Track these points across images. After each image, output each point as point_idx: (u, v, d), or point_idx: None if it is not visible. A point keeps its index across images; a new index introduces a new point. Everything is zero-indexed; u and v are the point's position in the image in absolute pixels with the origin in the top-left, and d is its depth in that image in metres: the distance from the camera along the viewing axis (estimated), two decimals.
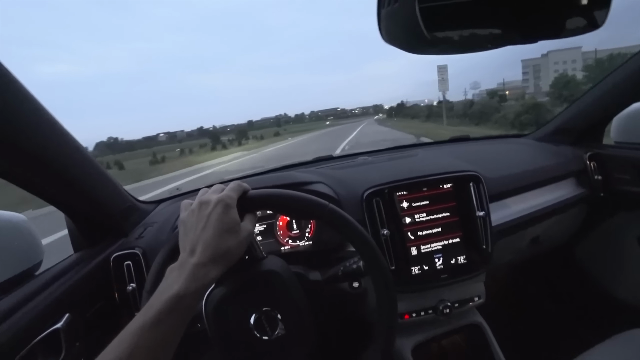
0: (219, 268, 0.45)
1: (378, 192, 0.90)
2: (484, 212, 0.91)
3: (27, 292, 0.62)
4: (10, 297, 0.61)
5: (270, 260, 0.57)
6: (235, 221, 0.48)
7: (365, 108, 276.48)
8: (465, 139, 1.52)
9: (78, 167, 0.70)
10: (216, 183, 0.56)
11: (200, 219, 0.47)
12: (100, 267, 0.78)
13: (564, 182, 1.19)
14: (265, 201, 0.53)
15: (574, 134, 1.27)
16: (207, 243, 0.45)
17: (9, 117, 0.54)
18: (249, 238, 0.50)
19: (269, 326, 0.53)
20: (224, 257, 0.45)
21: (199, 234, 0.46)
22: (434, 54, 0.49)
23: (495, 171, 1.06)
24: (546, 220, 1.11)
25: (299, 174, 1.03)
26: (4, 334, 0.54)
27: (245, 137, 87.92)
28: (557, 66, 51.57)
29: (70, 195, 0.72)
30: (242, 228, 0.49)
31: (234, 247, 0.46)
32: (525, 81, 52.72)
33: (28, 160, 0.60)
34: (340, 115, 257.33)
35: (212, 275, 0.44)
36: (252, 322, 0.53)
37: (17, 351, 0.55)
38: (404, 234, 0.90)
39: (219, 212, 0.47)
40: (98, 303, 0.76)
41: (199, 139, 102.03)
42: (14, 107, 0.54)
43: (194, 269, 0.43)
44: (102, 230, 0.84)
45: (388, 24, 0.45)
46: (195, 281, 0.42)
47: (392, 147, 1.47)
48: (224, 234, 0.46)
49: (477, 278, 0.98)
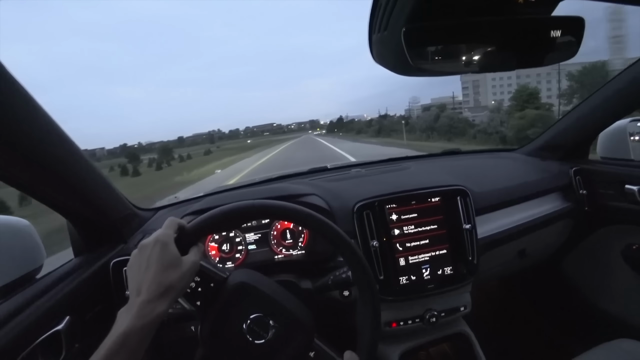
0: (165, 303, 0.48)
1: (368, 205, 0.93)
2: (470, 225, 0.94)
3: (29, 295, 0.64)
4: (13, 300, 0.63)
5: (234, 275, 0.60)
6: (174, 256, 0.51)
7: (301, 123, 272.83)
8: (456, 152, 1.56)
9: (81, 174, 0.72)
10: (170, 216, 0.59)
11: (142, 261, 0.50)
12: (100, 272, 0.80)
13: (550, 197, 1.22)
14: (202, 229, 0.56)
15: (561, 149, 1.32)
16: (149, 281, 0.48)
17: (14, 123, 0.55)
18: (193, 269, 0.53)
19: (261, 330, 0.56)
20: (169, 291, 0.48)
21: (143, 275, 0.49)
22: (421, 76, 0.52)
23: (483, 185, 1.10)
24: (532, 233, 1.15)
25: (293, 186, 1.06)
26: (7, 335, 0.56)
27: (170, 157, 67.71)
28: (494, 82, 54.03)
29: (72, 200, 0.74)
30: (184, 261, 0.51)
31: (176, 281, 0.49)
32: (465, 95, 55.53)
33: (32, 166, 0.62)
34: (276, 130, 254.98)
35: (158, 310, 0.47)
36: (245, 329, 0.56)
37: (19, 352, 0.57)
38: (392, 246, 0.93)
39: (157, 251, 0.50)
40: (97, 307, 0.77)
41: (120, 157, 79.09)
42: (19, 113, 0.56)
43: (139, 307, 0.46)
44: (102, 236, 0.86)
45: (378, 48, 0.49)
46: (142, 318, 0.45)
47: (385, 159, 1.50)
48: (165, 270, 0.49)
49: (464, 289, 1.01)
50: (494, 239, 1.05)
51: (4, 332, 0.56)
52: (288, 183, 1.16)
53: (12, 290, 0.66)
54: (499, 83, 54.53)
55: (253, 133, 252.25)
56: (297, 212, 0.59)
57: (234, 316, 0.57)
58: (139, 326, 0.44)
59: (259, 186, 1.22)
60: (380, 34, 0.45)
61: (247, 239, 0.95)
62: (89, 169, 0.74)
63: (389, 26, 0.43)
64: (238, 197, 0.99)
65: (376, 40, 0.48)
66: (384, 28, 0.44)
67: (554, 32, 0.48)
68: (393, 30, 0.43)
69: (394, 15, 0.42)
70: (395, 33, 0.43)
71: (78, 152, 0.70)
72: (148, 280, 0.48)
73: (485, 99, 50.38)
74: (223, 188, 1.29)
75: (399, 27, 0.42)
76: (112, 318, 0.53)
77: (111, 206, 0.85)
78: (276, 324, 0.57)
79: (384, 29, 0.44)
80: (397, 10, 0.41)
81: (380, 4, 0.43)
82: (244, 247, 0.95)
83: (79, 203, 0.76)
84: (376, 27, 0.46)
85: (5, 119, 0.53)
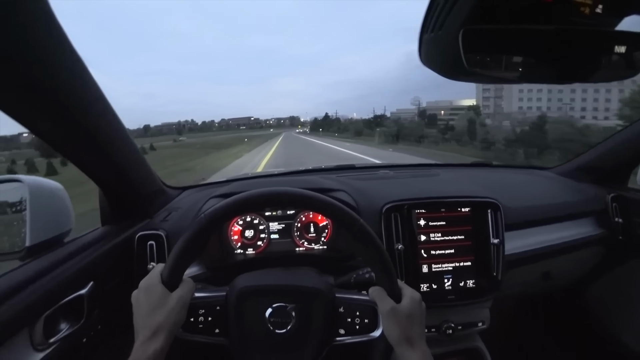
0: (158, 341, 0.52)
1: (397, 207, 0.92)
2: (498, 240, 0.91)
3: (58, 257, 0.67)
4: (43, 259, 0.66)
5: (232, 288, 0.63)
6: (159, 297, 0.55)
7: (280, 119, 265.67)
8: (487, 164, 1.52)
9: (120, 146, 0.75)
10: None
11: (135, 308, 0.56)
12: (124, 244, 0.82)
13: (582, 221, 1.17)
14: (174, 268, 0.57)
15: (599, 172, 1.26)
16: (140, 325, 0.54)
17: (70, 91, 0.58)
18: (180, 303, 0.56)
19: (283, 319, 0.59)
20: (159, 330, 0.53)
21: (136, 320, 0.55)
22: (467, 81, 0.51)
23: (514, 201, 1.06)
24: (560, 256, 1.11)
25: (323, 180, 1.06)
26: (35, 292, 0.58)
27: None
28: (521, 86, 49.46)
29: (108, 170, 0.77)
30: (170, 299, 0.55)
31: (163, 319, 0.53)
32: (485, 99, 49.59)
33: (79, 134, 0.65)
34: (253, 125, 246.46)
35: (153, 348, 0.51)
36: (269, 326, 0.59)
37: (44, 310, 0.60)
38: (417, 251, 0.92)
39: (142, 297, 0.56)
40: (117, 277, 0.80)
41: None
42: (76, 82, 0.59)
43: (135, 350, 0.51)
44: (129, 208, 0.89)
45: (428, 49, 0.48)
46: (138, 358, 0.50)
47: (413, 164, 1.48)
48: (151, 312, 0.54)
49: (484, 304, 0.98)
50: (520, 257, 1.02)
51: (32, 289, 0.58)
52: (316, 177, 1.16)
53: (42, 250, 0.69)
54: (527, 87, 50.68)
55: (228, 126, 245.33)
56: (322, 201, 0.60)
57: (252, 320, 0.60)
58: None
59: (287, 177, 1.23)
60: (434, 34, 0.44)
61: (270, 227, 0.96)
62: (128, 143, 0.77)
63: (444, 26, 0.42)
64: (265, 185, 1.01)
65: (427, 40, 0.47)
66: (438, 28, 0.43)
67: (619, 47, 0.46)
68: (448, 31, 0.42)
69: (451, 16, 0.41)
70: (450, 33, 0.41)
71: (120, 125, 0.73)
72: (139, 324, 0.54)
73: (509, 105, 45.85)
74: (250, 175, 1.30)
75: (455, 28, 0.41)
76: (130, 290, 0.56)
77: (142, 181, 0.87)
78: (293, 305, 0.60)
79: (439, 29, 0.43)
80: (456, 11, 0.40)
81: (437, 4, 0.42)
82: (266, 236, 0.96)
83: (114, 174, 0.78)
84: (430, 26, 0.44)
85: (62, 87, 0.56)
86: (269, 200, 0.60)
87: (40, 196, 0.71)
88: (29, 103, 0.55)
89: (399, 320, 0.57)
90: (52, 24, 0.49)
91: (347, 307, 0.62)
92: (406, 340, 0.56)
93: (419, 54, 0.49)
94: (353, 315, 0.61)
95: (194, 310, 0.59)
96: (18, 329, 0.56)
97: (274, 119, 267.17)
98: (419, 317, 0.59)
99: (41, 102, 0.55)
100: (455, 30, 0.40)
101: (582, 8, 0.41)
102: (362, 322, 0.61)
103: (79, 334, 0.67)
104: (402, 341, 0.56)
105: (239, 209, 0.61)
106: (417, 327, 0.58)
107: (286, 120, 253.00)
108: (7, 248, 0.71)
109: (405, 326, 0.57)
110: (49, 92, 0.54)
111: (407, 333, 0.57)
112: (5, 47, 0.44)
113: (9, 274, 0.60)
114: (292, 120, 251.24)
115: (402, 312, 0.58)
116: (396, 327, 0.57)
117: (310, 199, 0.59)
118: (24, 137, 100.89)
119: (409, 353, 0.56)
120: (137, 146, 0.81)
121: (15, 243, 0.71)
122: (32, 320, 0.58)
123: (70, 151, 0.68)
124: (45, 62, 0.51)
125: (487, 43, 0.41)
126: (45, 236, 0.71)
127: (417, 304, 0.60)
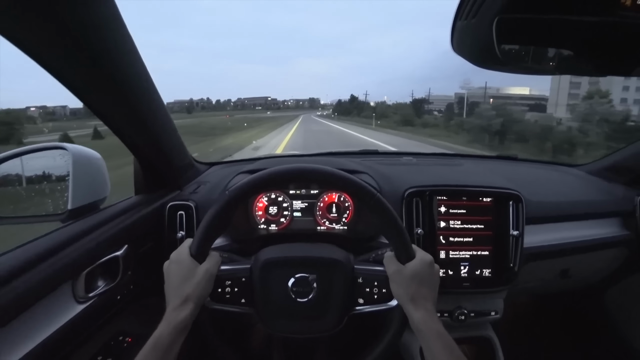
0: (187, 309, 0.57)
1: (419, 193, 0.93)
2: (518, 232, 0.91)
3: (96, 220, 0.73)
4: (83, 221, 0.72)
5: (256, 260, 0.67)
6: (187, 269, 0.60)
7: (299, 101, 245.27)
8: (512, 158, 1.49)
9: (158, 119, 0.79)
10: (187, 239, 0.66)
11: (166, 277, 0.61)
12: (156, 212, 0.88)
13: (607, 221, 1.15)
14: (202, 242, 0.61)
15: (630, 173, 1.22)
16: (171, 294, 0.59)
17: (120, 66, 0.62)
18: (207, 275, 0.60)
19: (304, 288, 0.64)
20: (188, 300, 0.57)
21: (167, 289, 0.60)
22: (500, 70, 0.51)
23: (537, 195, 1.05)
24: (580, 254, 1.09)
25: (348, 162, 1.08)
26: (77, 250, 0.64)
27: None
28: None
29: (146, 142, 0.82)
30: (198, 271, 0.60)
31: (192, 289, 0.58)
32: (575, 86, 42.71)
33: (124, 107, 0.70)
34: (270, 105, 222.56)
35: (182, 316, 0.56)
36: (291, 294, 0.64)
37: (85, 267, 0.66)
38: (436, 237, 0.93)
39: (173, 268, 0.61)
40: (149, 242, 0.86)
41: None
42: (126, 58, 0.63)
43: (166, 315, 0.56)
44: (161, 179, 0.94)
45: (460, 36, 0.48)
46: (169, 324, 0.55)
47: (437, 152, 1.48)
48: (181, 283, 0.59)
49: (498, 294, 0.99)
50: (539, 251, 1.01)
51: (75, 247, 0.64)
52: (341, 159, 1.18)
53: (81, 214, 0.74)
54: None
55: (243, 105, 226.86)
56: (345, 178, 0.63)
57: (276, 290, 0.64)
58: (167, 331, 0.54)
59: (313, 157, 1.26)
60: (467, 21, 0.44)
61: (294, 205, 0.99)
62: (166, 117, 0.81)
63: (479, 13, 0.42)
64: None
65: (460, 28, 0.47)
66: (472, 15, 0.43)
67: None
68: (482, 19, 0.42)
69: (487, 3, 0.41)
70: (484, 21, 0.42)
71: (159, 99, 0.77)
72: (170, 293, 0.59)
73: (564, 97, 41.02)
74: (276, 155, 1.34)
75: (490, 15, 0.41)
76: (159, 255, 0.61)
77: (175, 153, 0.92)
78: (314, 276, 0.64)
79: (473, 17, 0.43)
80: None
81: None
82: (289, 213, 0.99)
83: (150, 145, 0.83)
84: (464, 13, 0.44)
85: (115, 61, 0.60)
86: (295, 176, 0.64)
87: (82, 164, 0.77)
88: (86, 79, 0.60)
89: (402, 281, 0.60)
90: (109, 3, 0.52)
91: (365, 277, 0.65)
92: (410, 300, 0.59)
93: (451, 41, 0.50)
94: (371, 285, 0.65)
95: (220, 281, 0.63)
96: (63, 281, 0.61)
97: (292, 100, 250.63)
98: (426, 278, 0.61)
99: (97, 78, 0.60)
100: (490, 18, 0.40)
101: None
102: (380, 292, 0.64)
103: (113, 292, 0.73)
104: (406, 301, 0.59)
105: (260, 187, 0.65)
106: (423, 288, 0.61)
107: (305, 102, 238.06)
108: (51, 210, 0.77)
109: (409, 286, 0.60)
110: (104, 68, 0.59)
111: (411, 293, 0.59)
112: (72, 26, 0.49)
113: (55, 232, 0.66)
114: (311, 102, 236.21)
115: (406, 273, 0.61)
116: (400, 287, 0.60)
117: (329, 175, 0.62)
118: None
119: (412, 312, 0.58)
120: (173, 121, 0.85)
121: (58, 206, 0.77)
122: (75, 274, 0.64)
123: (116, 122, 0.73)
124: (103, 42, 0.55)
125: (522, 32, 0.41)
126: (84, 201, 0.77)
127: (425, 265, 0.62)
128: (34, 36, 0.49)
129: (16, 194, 0.78)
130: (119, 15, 0.56)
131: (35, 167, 0.80)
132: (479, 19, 0.42)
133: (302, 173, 0.64)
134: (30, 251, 0.58)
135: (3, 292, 0.51)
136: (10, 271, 0.53)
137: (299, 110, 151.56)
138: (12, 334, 0.52)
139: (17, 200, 0.79)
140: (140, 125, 0.76)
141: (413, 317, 0.58)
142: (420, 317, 0.58)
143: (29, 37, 0.49)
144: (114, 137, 0.78)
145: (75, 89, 0.61)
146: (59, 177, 0.79)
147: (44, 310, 0.58)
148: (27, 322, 0.55)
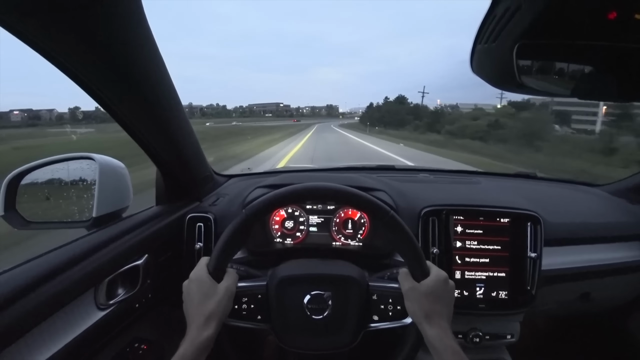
0: (210, 328, 0.57)
1: (436, 212, 0.93)
2: (536, 254, 0.90)
3: (119, 229, 0.75)
4: (106, 230, 0.74)
5: (272, 277, 0.67)
6: (208, 288, 0.60)
7: (316, 108, 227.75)
8: (532, 176, 1.47)
9: (181, 131, 0.82)
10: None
11: (187, 297, 0.61)
12: (176, 223, 0.90)
13: (631, 244, 1.11)
14: (220, 260, 0.62)
15: None
16: (194, 312, 0.59)
17: (154, 82, 0.66)
18: (228, 293, 0.61)
19: (319, 305, 0.64)
20: (211, 318, 0.58)
21: (187, 307, 0.60)
22: (520, 93, 0.51)
23: (557, 216, 1.03)
24: (602, 278, 1.05)
25: (363, 179, 1.09)
26: (99, 259, 0.66)
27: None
28: None
29: (169, 153, 0.85)
30: (218, 290, 0.60)
31: (214, 308, 0.58)
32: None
33: (150, 120, 0.73)
34: (282, 112, 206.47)
35: (205, 335, 0.56)
36: (307, 311, 0.65)
37: (106, 275, 0.68)
38: (452, 257, 0.92)
39: (193, 287, 0.61)
40: (168, 252, 0.88)
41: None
42: (155, 73, 0.66)
43: (190, 334, 0.57)
44: (182, 191, 0.97)
45: (480, 59, 0.49)
46: (192, 343, 0.55)
47: (454, 170, 1.47)
48: (202, 301, 0.59)
49: (515, 317, 0.97)
50: (558, 274, 0.99)
51: (99, 255, 0.66)
52: (357, 174, 1.19)
53: (104, 222, 0.77)
54: None
55: (252, 112, 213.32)
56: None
57: (291, 307, 0.65)
58: (191, 350, 0.54)
59: (329, 172, 1.27)
60: (487, 45, 0.45)
61: (310, 220, 1.00)
62: (188, 129, 0.84)
63: (499, 38, 0.43)
64: (308, 179, 1.04)
65: (480, 51, 0.48)
66: (492, 40, 0.44)
67: None
68: (503, 43, 0.43)
69: (507, 29, 0.41)
70: (505, 46, 0.42)
71: (182, 112, 0.80)
72: (192, 312, 0.59)
73: None
74: (294, 168, 1.35)
75: (510, 40, 0.41)
76: (178, 265, 0.61)
77: (196, 165, 0.95)
78: (329, 293, 0.65)
79: (493, 41, 0.44)
80: (512, 24, 0.41)
81: (494, 16, 0.43)
82: (305, 228, 1.00)
83: (173, 156, 0.86)
84: (484, 37, 0.45)
85: (146, 78, 0.64)
86: (311, 194, 0.65)
87: (108, 173, 0.80)
88: (118, 93, 0.63)
89: (416, 298, 0.60)
90: (140, 16, 0.55)
91: (380, 294, 0.65)
92: (425, 317, 0.59)
93: (470, 63, 0.51)
94: (386, 302, 0.65)
95: (237, 298, 0.64)
96: (87, 288, 0.63)
97: (308, 107, 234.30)
98: (441, 294, 0.61)
99: (128, 93, 0.64)
100: (510, 43, 0.41)
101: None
102: (394, 309, 0.64)
103: (133, 300, 0.74)
104: (421, 318, 0.59)
105: (276, 205, 0.67)
106: (438, 304, 0.60)
107: (322, 110, 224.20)
108: (76, 217, 0.80)
109: (423, 303, 0.59)
110: (136, 86, 0.62)
111: (426, 310, 0.59)
112: (100, 38, 0.51)
113: (79, 240, 0.68)
114: (329, 109, 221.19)
115: (420, 290, 0.60)
116: (415, 304, 0.60)
117: (344, 193, 0.63)
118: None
119: (427, 329, 0.58)
120: (195, 133, 0.88)
121: (83, 213, 0.80)
122: (98, 282, 0.66)
123: (143, 134, 0.76)
124: (137, 60, 0.59)
125: (542, 57, 0.42)
126: (108, 210, 0.79)
127: (440, 282, 0.61)
128: (73, 53, 0.52)
129: (45, 200, 0.82)
130: (151, 35, 0.59)
131: (64, 175, 0.84)
132: (500, 43, 0.43)
133: (317, 191, 0.65)
134: (57, 258, 0.60)
135: (31, 297, 0.53)
136: (38, 278, 0.55)
137: (315, 119, 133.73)
138: (37, 338, 0.54)
139: (45, 207, 0.82)
140: (166, 138, 0.79)
141: (428, 334, 0.58)
142: (435, 334, 0.57)
143: (66, 52, 0.52)
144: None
145: (105, 102, 0.64)
146: (85, 186, 0.83)
147: (67, 315, 0.60)
148: (51, 327, 0.57)
